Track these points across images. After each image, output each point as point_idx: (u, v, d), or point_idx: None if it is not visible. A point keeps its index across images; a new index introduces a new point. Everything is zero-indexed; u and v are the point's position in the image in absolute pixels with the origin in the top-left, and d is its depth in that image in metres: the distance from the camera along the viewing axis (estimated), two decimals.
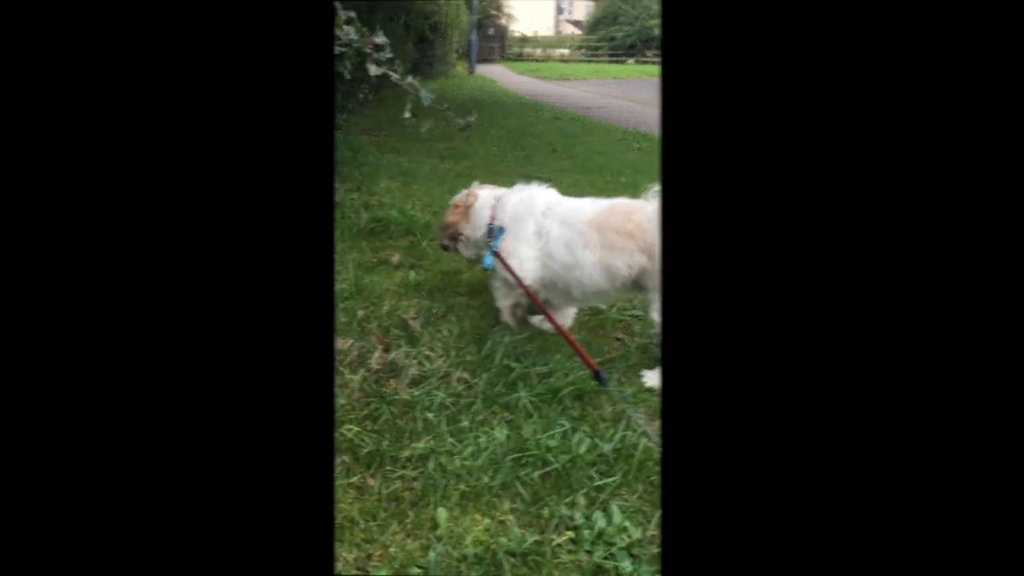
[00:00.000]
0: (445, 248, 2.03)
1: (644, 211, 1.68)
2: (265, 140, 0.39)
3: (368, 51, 1.51)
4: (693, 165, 0.47)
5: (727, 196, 0.46)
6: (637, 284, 1.72)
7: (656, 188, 1.74)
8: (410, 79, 1.59)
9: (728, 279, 0.47)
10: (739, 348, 0.49)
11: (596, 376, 1.26)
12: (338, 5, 1.69)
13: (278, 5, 0.38)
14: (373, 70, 1.51)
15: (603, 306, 2.05)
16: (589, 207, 1.75)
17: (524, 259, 1.77)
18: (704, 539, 0.50)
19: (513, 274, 1.75)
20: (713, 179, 0.46)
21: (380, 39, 1.52)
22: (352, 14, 1.71)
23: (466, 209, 1.92)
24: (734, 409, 0.49)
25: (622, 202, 1.76)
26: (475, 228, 1.90)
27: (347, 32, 1.49)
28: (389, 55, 1.56)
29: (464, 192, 1.98)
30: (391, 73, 1.54)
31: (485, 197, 1.90)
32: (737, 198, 0.46)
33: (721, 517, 0.50)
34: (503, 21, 30.65)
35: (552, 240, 1.74)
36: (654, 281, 1.70)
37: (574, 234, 1.71)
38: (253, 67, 0.38)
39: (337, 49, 1.53)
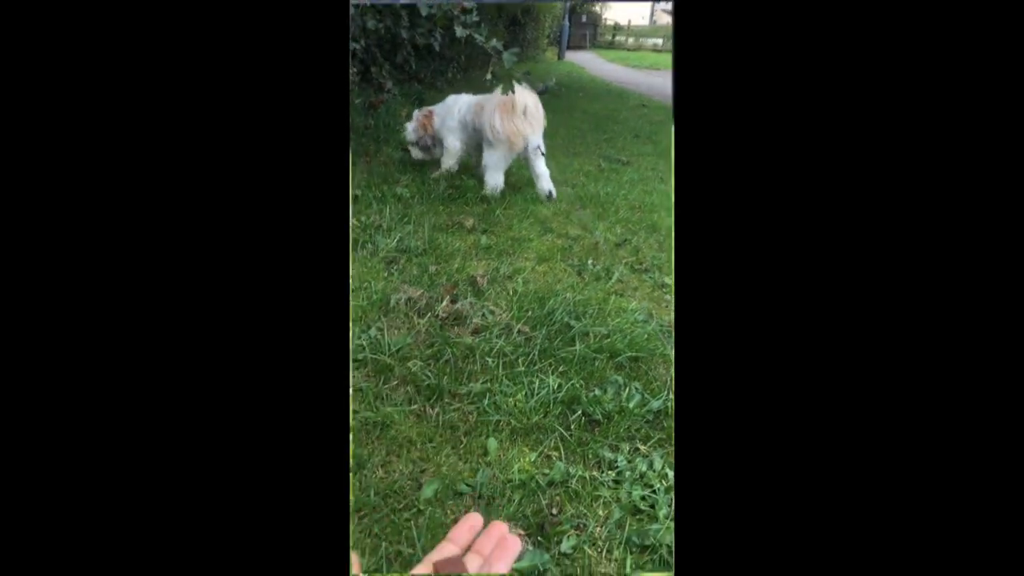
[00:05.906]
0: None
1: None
2: (278, 146, 0.41)
3: (456, 14, 1.60)
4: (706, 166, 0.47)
5: (741, 193, 0.47)
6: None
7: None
8: (494, 42, 1.66)
9: (738, 279, 0.48)
10: (749, 347, 0.49)
11: None
12: None
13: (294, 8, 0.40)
14: (459, 32, 1.59)
15: None
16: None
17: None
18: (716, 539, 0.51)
19: None
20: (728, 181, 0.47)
21: (468, 3, 1.60)
22: None
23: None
24: (747, 402, 0.50)
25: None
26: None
27: None
28: (475, 19, 1.64)
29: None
30: (476, 36, 1.62)
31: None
32: (751, 194, 0.46)
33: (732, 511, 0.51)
34: (597, 8, 30.17)
35: None
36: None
37: None
38: (268, 69, 0.40)
39: (428, 10, 1.63)
